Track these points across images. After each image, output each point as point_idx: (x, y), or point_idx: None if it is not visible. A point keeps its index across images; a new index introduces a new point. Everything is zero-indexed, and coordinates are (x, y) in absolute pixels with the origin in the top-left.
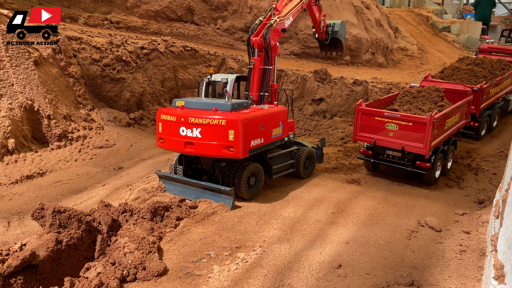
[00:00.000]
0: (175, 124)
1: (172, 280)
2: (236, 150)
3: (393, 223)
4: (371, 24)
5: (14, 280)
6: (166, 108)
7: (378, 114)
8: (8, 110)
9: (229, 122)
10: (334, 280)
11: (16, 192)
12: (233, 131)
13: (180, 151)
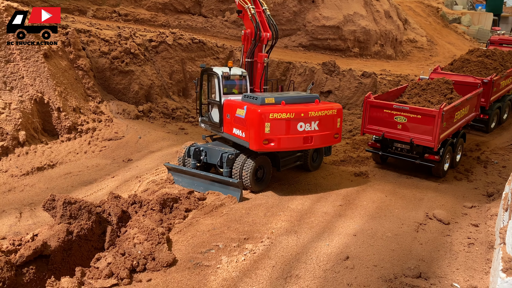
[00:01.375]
0: (293, 121)
1: (181, 271)
2: (339, 137)
3: (401, 216)
4: (380, 15)
5: (26, 269)
6: (265, 106)
7: (387, 106)
8: (18, 102)
9: (338, 111)
10: (341, 271)
11: (27, 184)
12: (339, 119)
13: (297, 147)
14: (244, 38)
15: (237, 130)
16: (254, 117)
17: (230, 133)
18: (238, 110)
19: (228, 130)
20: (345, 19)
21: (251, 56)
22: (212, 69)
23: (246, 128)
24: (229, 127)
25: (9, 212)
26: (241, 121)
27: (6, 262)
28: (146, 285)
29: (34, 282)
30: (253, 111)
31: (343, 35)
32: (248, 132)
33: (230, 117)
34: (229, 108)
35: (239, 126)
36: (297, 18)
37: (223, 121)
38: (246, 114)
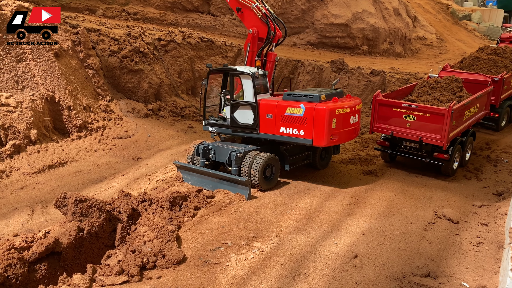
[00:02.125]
0: (349, 115)
1: (191, 268)
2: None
3: (410, 215)
4: (389, 13)
5: (38, 266)
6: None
7: (396, 105)
8: (30, 101)
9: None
10: (350, 270)
11: (39, 181)
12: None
13: (349, 139)
14: (252, 37)
15: (288, 129)
16: (322, 114)
17: (273, 133)
18: (290, 109)
19: (269, 130)
20: (353, 16)
21: (260, 55)
22: (237, 69)
23: (307, 126)
24: (272, 127)
25: (21, 210)
26: (296, 119)
27: (19, 258)
28: (156, 282)
29: (46, 278)
30: (318, 108)
31: (351, 33)
32: (310, 130)
33: (273, 117)
34: (271, 108)
35: (292, 124)
36: (305, 16)
37: (259, 122)
38: (306, 112)
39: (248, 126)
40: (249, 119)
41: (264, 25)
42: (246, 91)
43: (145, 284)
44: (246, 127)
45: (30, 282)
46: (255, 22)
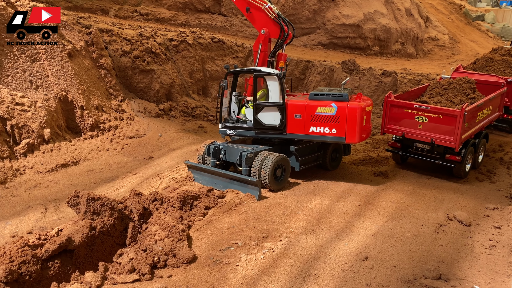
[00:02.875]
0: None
1: (201, 268)
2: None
3: (421, 217)
4: (401, 13)
5: (51, 263)
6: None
7: (408, 106)
8: (44, 101)
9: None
10: (360, 271)
11: (52, 180)
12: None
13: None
14: (264, 38)
15: (319, 128)
16: (355, 112)
17: (303, 132)
18: (320, 109)
19: (298, 130)
20: (365, 17)
21: (272, 56)
22: (261, 70)
23: (340, 124)
24: (301, 127)
25: (35, 208)
26: (328, 118)
27: (32, 256)
28: (167, 281)
29: (59, 275)
30: (351, 107)
31: (363, 33)
32: (343, 128)
33: (302, 117)
34: (300, 108)
35: (324, 124)
36: (316, 16)
37: (286, 123)
38: (338, 111)
39: (274, 127)
40: (275, 120)
41: (275, 26)
42: (272, 92)
43: (156, 283)
44: (272, 128)
45: (43, 279)
46: (266, 22)
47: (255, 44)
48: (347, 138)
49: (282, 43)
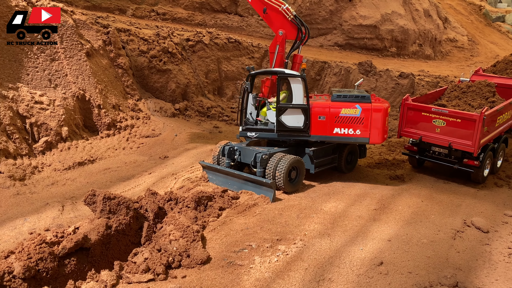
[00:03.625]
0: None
1: (215, 269)
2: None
3: (438, 222)
4: (419, 14)
5: (68, 261)
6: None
7: (425, 109)
8: (62, 99)
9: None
10: (375, 277)
11: (69, 178)
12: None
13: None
14: (281, 39)
15: (343, 130)
16: (379, 113)
17: (326, 134)
18: (345, 110)
19: (322, 131)
20: (382, 18)
21: (288, 57)
22: (285, 72)
23: (364, 125)
24: (324, 129)
25: (52, 205)
26: (352, 120)
27: (49, 253)
28: (181, 282)
29: (75, 273)
30: (375, 108)
31: (380, 34)
32: (367, 129)
33: (326, 119)
34: (324, 110)
35: (348, 125)
36: (333, 17)
37: (310, 124)
38: (363, 112)
39: (298, 129)
40: (299, 122)
41: (292, 27)
42: (296, 93)
43: (170, 283)
44: (295, 130)
45: (59, 276)
46: (283, 24)
47: (272, 45)
48: (371, 138)
49: (299, 44)
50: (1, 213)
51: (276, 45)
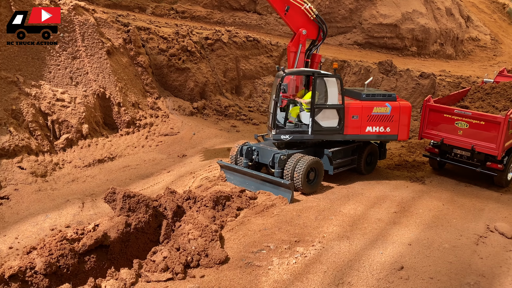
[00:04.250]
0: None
1: (233, 269)
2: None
3: (460, 227)
4: (441, 13)
5: (87, 258)
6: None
7: (447, 111)
8: (83, 97)
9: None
10: (395, 282)
11: (89, 175)
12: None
13: None
14: (304, 39)
15: (374, 128)
16: (407, 111)
17: (359, 133)
18: (376, 109)
19: (355, 131)
20: (403, 17)
21: (308, 56)
22: (321, 72)
23: (394, 122)
24: (357, 128)
25: (72, 202)
26: (383, 118)
27: (70, 249)
28: (199, 281)
29: (95, 270)
30: (403, 106)
31: (400, 33)
32: (396, 126)
33: (359, 118)
34: (357, 109)
35: (379, 123)
36: (353, 15)
37: (344, 124)
38: (392, 110)
39: (332, 129)
40: (334, 122)
41: (314, 27)
42: (331, 93)
43: (189, 283)
44: (330, 130)
45: (79, 273)
46: (304, 23)
47: (294, 44)
48: (399, 135)
49: (319, 44)
50: (23, 209)
51: (298, 44)
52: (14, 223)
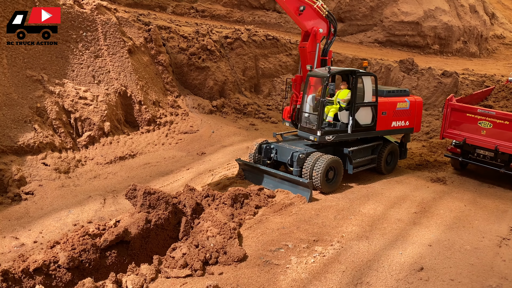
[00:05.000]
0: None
1: (251, 267)
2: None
3: (482, 228)
4: (465, 10)
5: (109, 253)
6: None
7: (470, 110)
8: (105, 95)
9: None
10: (415, 283)
11: (111, 172)
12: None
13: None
14: (320, 37)
15: (398, 122)
16: (420, 105)
17: (386, 128)
18: (399, 104)
19: (383, 126)
20: (425, 14)
21: (325, 54)
22: (360, 71)
23: (411, 116)
24: (385, 123)
25: (94, 198)
26: (404, 113)
27: (92, 245)
28: (217, 278)
29: (116, 265)
30: (418, 101)
31: (422, 31)
32: (413, 119)
33: (387, 114)
34: (386, 105)
35: (401, 118)
36: (373, 13)
37: (377, 121)
38: (411, 105)
39: (368, 126)
40: (368, 119)
41: (326, 23)
42: (367, 91)
43: (207, 279)
44: (365, 127)
45: (101, 268)
46: (318, 21)
47: (311, 44)
48: (415, 128)
49: (332, 40)
50: (47, 204)
51: (315, 43)
52: (39, 218)
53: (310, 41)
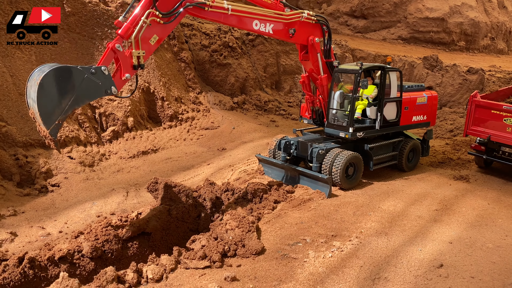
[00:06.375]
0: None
1: (269, 260)
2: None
3: (505, 227)
4: (492, 6)
5: (130, 244)
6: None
7: (495, 107)
8: (128, 91)
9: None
10: (434, 279)
11: (133, 166)
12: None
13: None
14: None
15: (417, 117)
16: (436, 100)
17: (408, 123)
18: (419, 99)
19: (406, 121)
20: (451, 10)
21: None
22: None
23: (428, 110)
24: (407, 118)
25: (117, 191)
26: (423, 107)
27: (115, 235)
28: (235, 270)
29: (137, 256)
30: (434, 95)
31: (448, 27)
32: (430, 113)
33: (408, 109)
34: (408, 100)
35: (420, 112)
36: (397, 9)
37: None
38: (428, 99)
39: (393, 121)
40: (394, 114)
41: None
42: (393, 87)
43: (226, 271)
44: (391, 123)
45: (123, 258)
46: (311, 31)
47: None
48: (431, 122)
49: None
50: (72, 196)
51: (316, 54)
52: (64, 209)
53: (310, 53)
